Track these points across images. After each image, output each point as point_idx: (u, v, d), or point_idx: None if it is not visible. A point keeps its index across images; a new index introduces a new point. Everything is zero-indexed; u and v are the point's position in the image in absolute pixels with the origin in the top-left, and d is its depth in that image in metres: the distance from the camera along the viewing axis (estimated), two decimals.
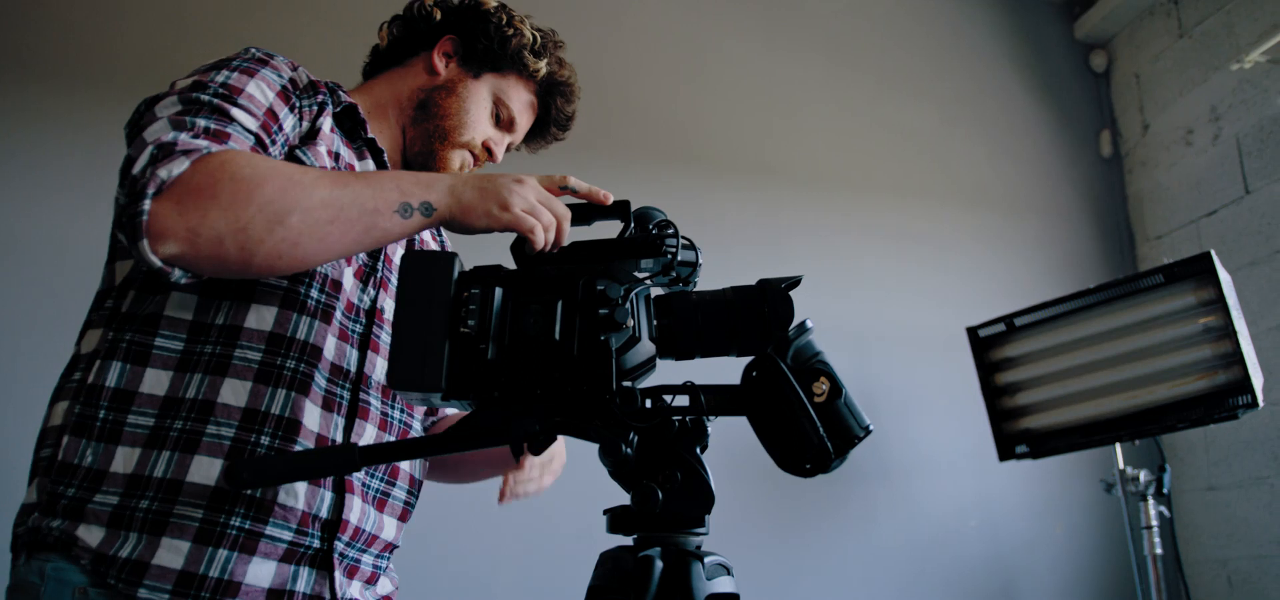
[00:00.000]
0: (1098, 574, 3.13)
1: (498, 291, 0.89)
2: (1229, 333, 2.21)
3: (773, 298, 0.92)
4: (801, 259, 2.96)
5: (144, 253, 0.89)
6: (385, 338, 1.15)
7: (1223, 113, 3.16)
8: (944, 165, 3.37)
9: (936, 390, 3.02)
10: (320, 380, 1.06)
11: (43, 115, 2.30)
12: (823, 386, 0.83)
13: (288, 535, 1.03)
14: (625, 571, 0.86)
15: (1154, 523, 2.54)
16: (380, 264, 1.16)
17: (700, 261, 0.97)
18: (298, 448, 1.03)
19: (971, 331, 2.66)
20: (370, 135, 1.23)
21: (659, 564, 0.85)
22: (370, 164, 1.21)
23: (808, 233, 3.04)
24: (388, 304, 1.17)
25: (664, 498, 0.85)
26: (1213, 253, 2.23)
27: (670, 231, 0.95)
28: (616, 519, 0.91)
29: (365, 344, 1.13)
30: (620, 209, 1.01)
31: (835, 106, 3.25)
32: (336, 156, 1.15)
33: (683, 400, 0.88)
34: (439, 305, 0.89)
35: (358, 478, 1.11)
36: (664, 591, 0.84)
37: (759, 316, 0.92)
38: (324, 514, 1.06)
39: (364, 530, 1.12)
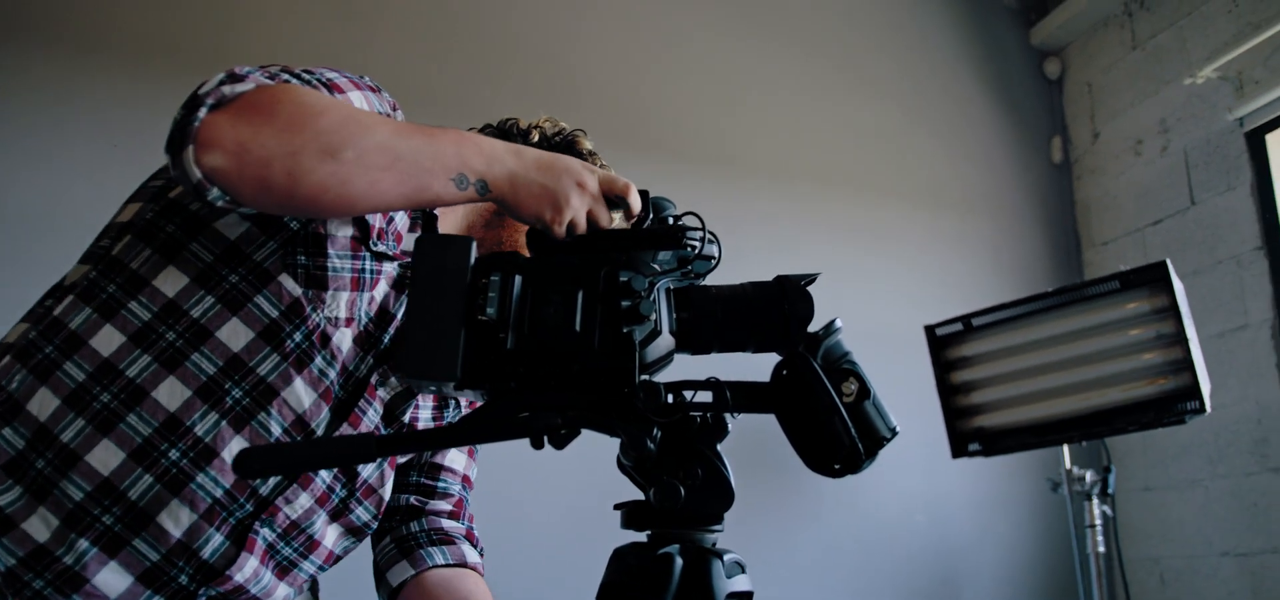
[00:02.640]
0: (1041, 571, 3.21)
1: (517, 279, 0.87)
2: (1180, 339, 2.28)
3: (793, 295, 0.92)
4: (760, 250, 2.96)
5: (186, 162, 0.84)
6: (371, 415, 1.09)
7: (1172, 125, 3.25)
8: (902, 163, 3.41)
9: (885, 385, 3.05)
10: (270, 426, 1.00)
11: (41, 83, 2.27)
12: (852, 387, 0.83)
13: (153, 556, 0.98)
14: (642, 568, 0.85)
15: (1098, 522, 2.62)
16: (385, 334, 1.09)
17: (720, 257, 0.96)
18: (205, 477, 0.97)
19: (929, 330, 2.70)
20: (434, 213, 1.16)
21: (679, 561, 0.84)
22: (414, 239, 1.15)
23: (767, 223, 3.05)
24: (385, 388, 1.11)
25: (685, 494, 0.84)
26: (1168, 262, 2.29)
27: (695, 225, 0.94)
28: (631, 515, 0.89)
29: (343, 412, 1.06)
30: (640, 200, 0.99)
31: (798, 99, 3.26)
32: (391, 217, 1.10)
33: (705, 396, 0.87)
34: (454, 291, 0.86)
35: (266, 537, 1.05)
36: (684, 589, 0.83)
37: (779, 313, 0.91)
38: (206, 556, 1.00)
39: (247, 591, 1.05)
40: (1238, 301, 3.00)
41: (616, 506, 0.92)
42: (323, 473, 1.06)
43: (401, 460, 1.27)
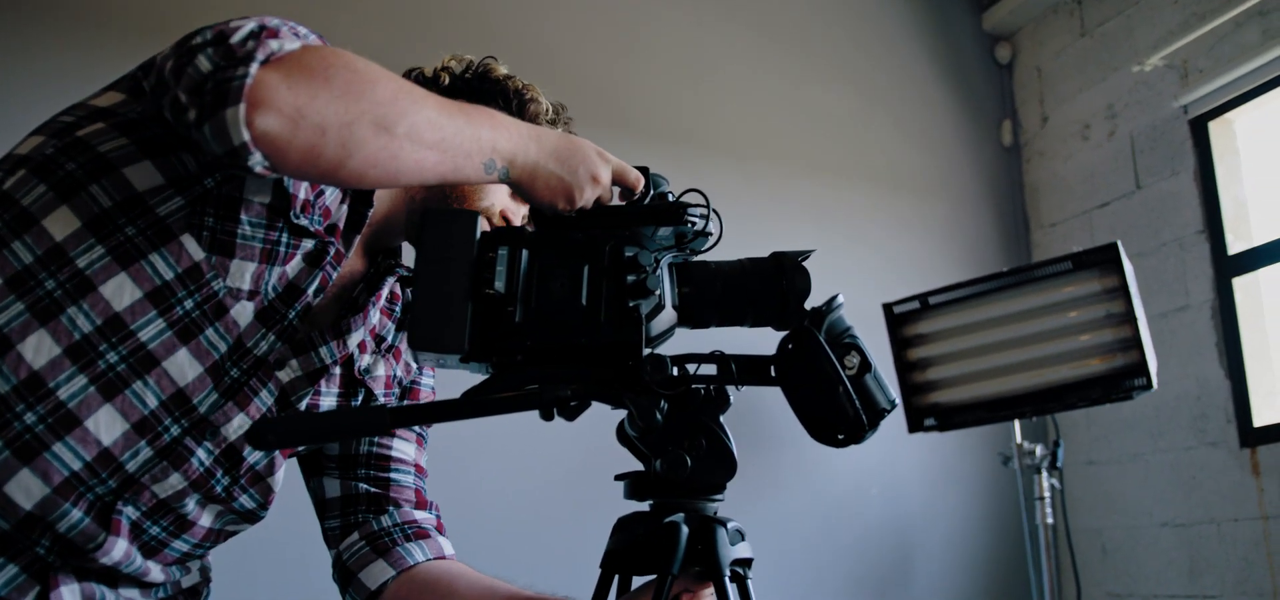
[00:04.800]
0: (991, 541, 3.31)
1: (524, 253, 0.89)
2: (1130, 319, 2.36)
3: (790, 270, 0.95)
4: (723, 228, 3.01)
5: (232, 121, 0.76)
6: (263, 398, 1.02)
7: (1119, 111, 3.35)
8: (858, 144, 3.47)
9: None
10: (145, 397, 0.93)
11: (39, 58, 2.23)
12: (854, 361, 0.85)
13: (3, 524, 0.91)
14: (649, 536, 0.87)
15: (1046, 494, 2.71)
16: (291, 310, 1.02)
17: (721, 234, 0.98)
18: (63, 445, 0.90)
19: (887, 307, 2.76)
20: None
21: (685, 529, 0.87)
22: (344, 209, 1.06)
23: (726, 201, 3.05)
24: (284, 370, 1.04)
25: (691, 464, 0.86)
26: (1119, 243, 2.37)
27: (697, 202, 0.96)
28: (635, 485, 0.91)
29: (233, 392, 0.99)
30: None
31: (757, 80, 3.29)
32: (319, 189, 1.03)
33: (709, 368, 0.89)
34: (461, 264, 0.87)
35: (130, 516, 0.97)
36: (691, 556, 0.86)
37: (777, 288, 0.94)
38: (63, 531, 0.92)
39: (121, 572, 0.99)
40: (1180, 283, 3.11)
41: (618, 477, 0.95)
42: (200, 455, 0.99)
43: (299, 450, 1.19)
